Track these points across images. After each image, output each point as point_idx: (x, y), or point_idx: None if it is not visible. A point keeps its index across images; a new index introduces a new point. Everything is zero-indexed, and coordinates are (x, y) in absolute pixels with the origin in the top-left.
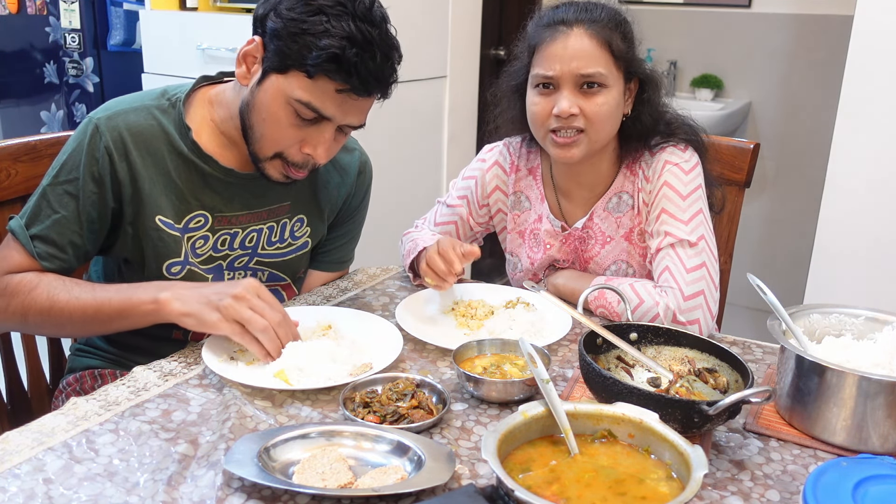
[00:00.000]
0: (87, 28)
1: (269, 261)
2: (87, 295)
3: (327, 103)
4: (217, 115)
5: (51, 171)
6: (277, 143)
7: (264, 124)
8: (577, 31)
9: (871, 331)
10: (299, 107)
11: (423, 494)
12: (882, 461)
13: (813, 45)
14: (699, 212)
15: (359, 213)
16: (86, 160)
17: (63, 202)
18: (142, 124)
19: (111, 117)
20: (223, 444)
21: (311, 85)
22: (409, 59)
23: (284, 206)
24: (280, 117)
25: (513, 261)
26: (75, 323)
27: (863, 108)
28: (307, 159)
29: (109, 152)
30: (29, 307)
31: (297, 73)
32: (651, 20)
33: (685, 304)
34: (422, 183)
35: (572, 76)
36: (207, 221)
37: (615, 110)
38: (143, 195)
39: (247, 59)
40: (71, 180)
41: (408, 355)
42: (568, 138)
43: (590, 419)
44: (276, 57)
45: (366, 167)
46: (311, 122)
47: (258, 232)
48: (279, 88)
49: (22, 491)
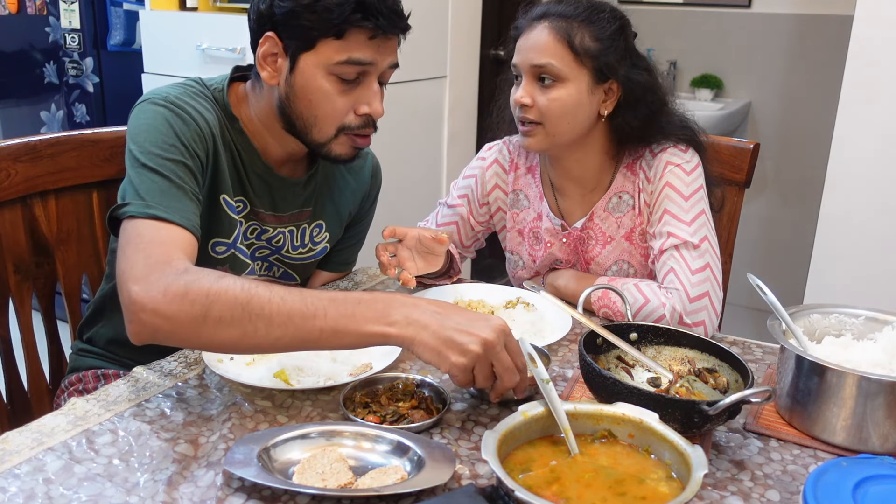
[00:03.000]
0: (87, 28)
1: (288, 262)
2: (293, 296)
3: (365, 51)
4: (251, 111)
5: (137, 148)
6: (335, 117)
7: (314, 106)
8: (541, 24)
9: (871, 331)
10: (341, 69)
11: (423, 494)
12: (882, 461)
13: (813, 45)
14: (702, 212)
15: (368, 216)
16: (173, 129)
17: (172, 170)
18: (202, 108)
19: (179, 97)
20: (223, 444)
21: (343, 44)
22: (410, 59)
23: (305, 212)
24: (327, 90)
25: (513, 259)
26: (274, 327)
27: (863, 108)
28: (367, 119)
29: (196, 127)
30: (217, 296)
31: (326, 42)
32: (651, 20)
33: (690, 305)
34: (422, 183)
35: (528, 66)
36: (246, 208)
37: (573, 107)
38: (218, 171)
39: (267, 60)
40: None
41: (408, 355)
42: (527, 127)
43: (590, 419)
44: (298, 37)
45: (377, 170)
46: (354, 82)
47: (283, 234)
48: (315, 64)
49: (22, 491)
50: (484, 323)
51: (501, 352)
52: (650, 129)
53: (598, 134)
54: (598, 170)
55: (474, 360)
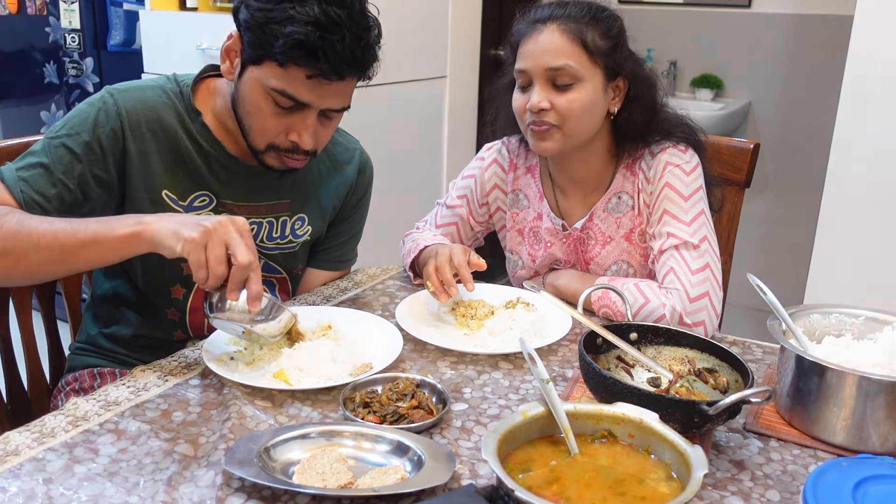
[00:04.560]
0: (87, 28)
1: (267, 252)
2: (61, 222)
3: (301, 90)
4: (217, 106)
5: (54, 127)
6: (265, 134)
7: (249, 116)
8: (550, 27)
9: (871, 331)
10: (276, 95)
11: (423, 494)
12: (882, 461)
13: (813, 45)
14: (701, 213)
15: (357, 211)
16: (94, 122)
17: (58, 154)
18: (156, 101)
19: (127, 90)
20: (223, 444)
21: (283, 73)
22: (409, 59)
23: (283, 203)
24: (262, 107)
25: (513, 259)
26: (41, 249)
27: (863, 108)
28: (295, 146)
29: (122, 124)
30: None
31: (269, 63)
32: (651, 20)
33: (690, 305)
34: (422, 183)
35: (542, 70)
36: (212, 202)
37: (591, 106)
38: (151, 169)
39: (229, 55)
40: (72, 135)
41: (408, 355)
42: (542, 129)
43: (590, 419)
44: (249, 48)
45: (366, 166)
46: (291, 109)
47: (258, 225)
48: (256, 79)
49: (22, 491)
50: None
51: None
52: (652, 124)
53: (603, 133)
54: (601, 170)
55: (206, 237)
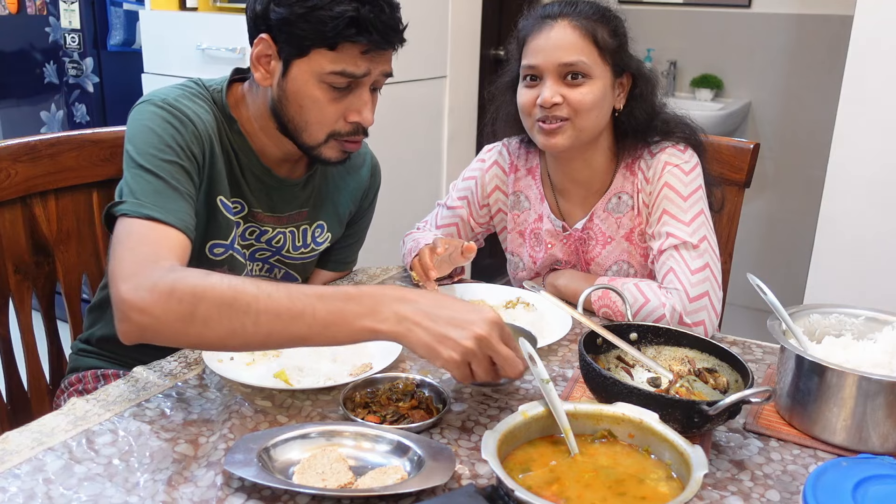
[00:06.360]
0: (87, 28)
1: (289, 262)
2: (280, 293)
3: (359, 64)
4: (248, 113)
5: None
6: (325, 124)
7: (304, 111)
8: (561, 23)
9: (871, 331)
10: (333, 78)
11: (423, 494)
12: (882, 461)
13: (813, 45)
14: (700, 212)
15: (367, 214)
16: (175, 134)
17: (179, 179)
18: (200, 110)
19: (177, 98)
20: (223, 444)
21: (336, 56)
22: (409, 59)
23: (302, 212)
24: (317, 98)
25: (514, 260)
26: (261, 324)
27: (863, 108)
28: (356, 127)
29: (194, 125)
30: (204, 294)
31: (319, 51)
32: (651, 20)
33: (690, 305)
34: (422, 183)
35: (555, 66)
36: (243, 209)
37: (601, 101)
38: (215, 172)
39: (261, 61)
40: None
41: (408, 355)
42: (553, 125)
43: (590, 419)
44: (292, 44)
45: (376, 169)
46: (346, 90)
47: (283, 235)
48: (307, 71)
49: (22, 491)
50: (475, 315)
51: (498, 344)
52: (652, 123)
53: (606, 131)
54: (603, 170)
55: (467, 356)
